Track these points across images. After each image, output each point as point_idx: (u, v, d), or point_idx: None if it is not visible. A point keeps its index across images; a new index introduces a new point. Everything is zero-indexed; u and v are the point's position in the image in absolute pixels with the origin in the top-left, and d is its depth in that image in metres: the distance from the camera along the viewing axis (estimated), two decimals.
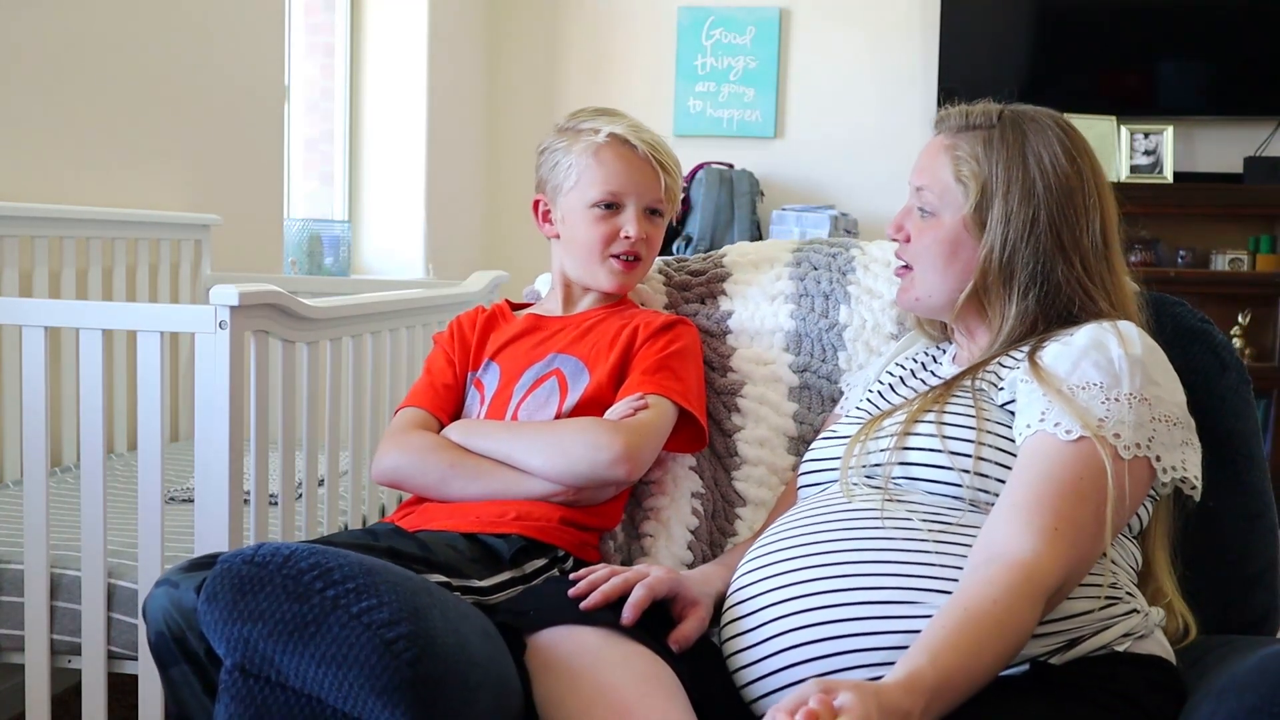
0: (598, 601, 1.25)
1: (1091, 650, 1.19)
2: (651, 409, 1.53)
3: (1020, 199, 1.36)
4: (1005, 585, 1.11)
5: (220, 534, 1.81)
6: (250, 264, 3.54)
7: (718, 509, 1.65)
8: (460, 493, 1.53)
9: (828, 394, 1.70)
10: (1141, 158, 4.53)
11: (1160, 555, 1.37)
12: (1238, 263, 4.41)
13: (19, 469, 2.36)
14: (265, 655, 1.06)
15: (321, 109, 4.40)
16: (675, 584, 1.32)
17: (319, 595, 1.06)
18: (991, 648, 1.08)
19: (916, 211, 1.44)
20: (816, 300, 1.75)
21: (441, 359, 1.68)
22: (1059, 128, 1.40)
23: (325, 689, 1.05)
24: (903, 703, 0.99)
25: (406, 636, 1.03)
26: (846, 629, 1.19)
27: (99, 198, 2.84)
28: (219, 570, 1.09)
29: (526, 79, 5.09)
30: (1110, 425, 1.22)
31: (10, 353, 2.40)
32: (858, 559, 1.23)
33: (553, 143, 1.67)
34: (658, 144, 1.64)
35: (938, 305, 1.44)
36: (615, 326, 1.63)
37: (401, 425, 1.60)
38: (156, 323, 1.85)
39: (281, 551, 1.09)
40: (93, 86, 2.81)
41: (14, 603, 1.92)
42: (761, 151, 4.93)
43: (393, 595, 1.07)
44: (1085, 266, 1.37)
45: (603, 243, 1.62)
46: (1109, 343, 1.29)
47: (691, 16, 4.94)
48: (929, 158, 1.44)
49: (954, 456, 1.27)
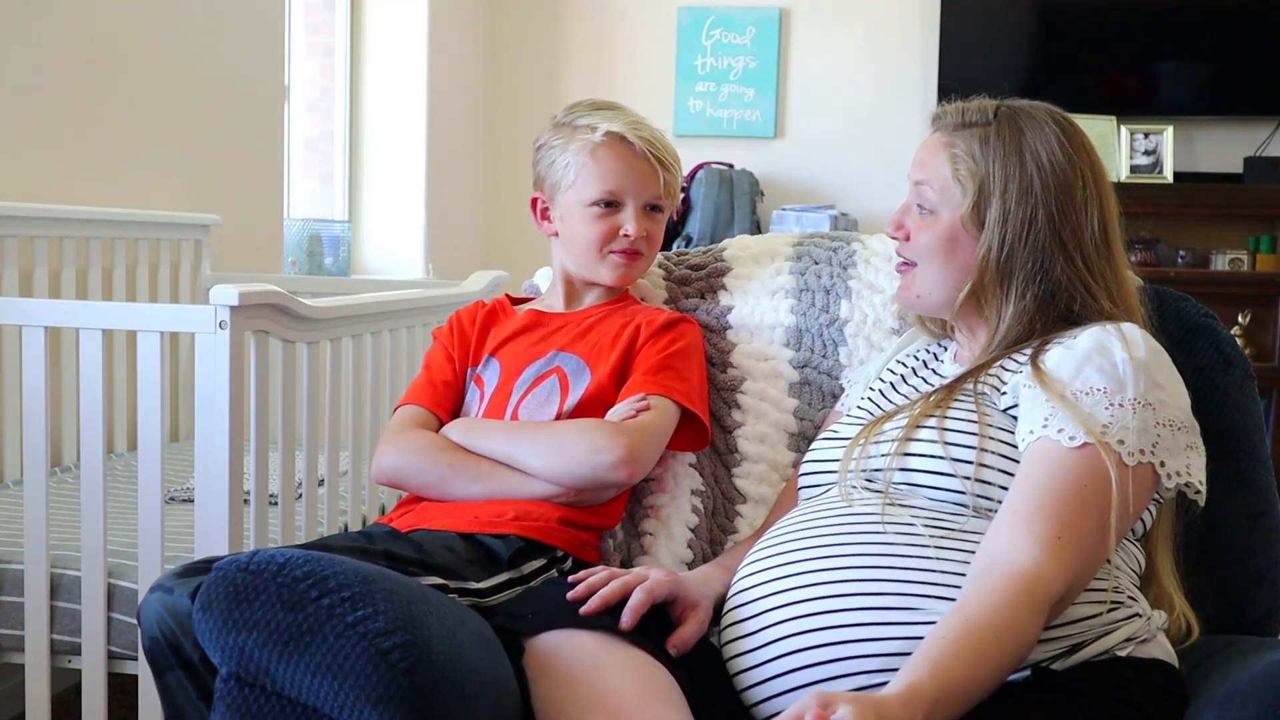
0: (596, 607, 1.24)
1: (1094, 655, 1.19)
2: (654, 410, 1.52)
3: (1018, 198, 1.34)
4: (1007, 594, 1.10)
5: (220, 534, 1.81)
6: (250, 264, 3.53)
7: (718, 506, 1.64)
8: (460, 493, 1.51)
9: (828, 389, 1.69)
10: (1141, 158, 4.52)
11: (1163, 557, 1.36)
12: (1238, 263, 4.40)
13: (19, 469, 2.36)
14: (260, 664, 1.05)
15: (321, 109, 4.40)
16: (674, 586, 1.30)
17: (314, 604, 1.05)
18: (993, 658, 1.07)
19: (915, 208, 1.42)
20: (817, 295, 1.73)
21: (441, 355, 1.66)
22: (1056, 122, 1.38)
23: (320, 699, 1.04)
24: (902, 714, 0.98)
25: (402, 646, 1.02)
26: (847, 634, 1.18)
27: (99, 198, 2.84)
28: (214, 578, 1.08)
29: (526, 79, 5.08)
30: (1114, 431, 1.21)
31: (10, 353, 2.39)
32: (858, 564, 1.22)
33: (549, 139, 1.64)
34: (655, 140, 1.61)
35: (938, 303, 1.43)
36: (617, 325, 1.61)
37: (401, 424, 1.59)
38: (156, 323, 1.85)
39: (276, 559, 1.08)
40: (93, 87, 2.81)
41: (14, 603, 1.92)
42: (761, 151, 4.93)
43: (388, 604, 1.06)
44: (1086, 263, 1.35)
45: (602, 241, 1.60)
46: (1112, 346, 1.27)
47: (691, 16, 4.94)
48: (927, 154, 1.42)
49: (955, 463, 1.26)
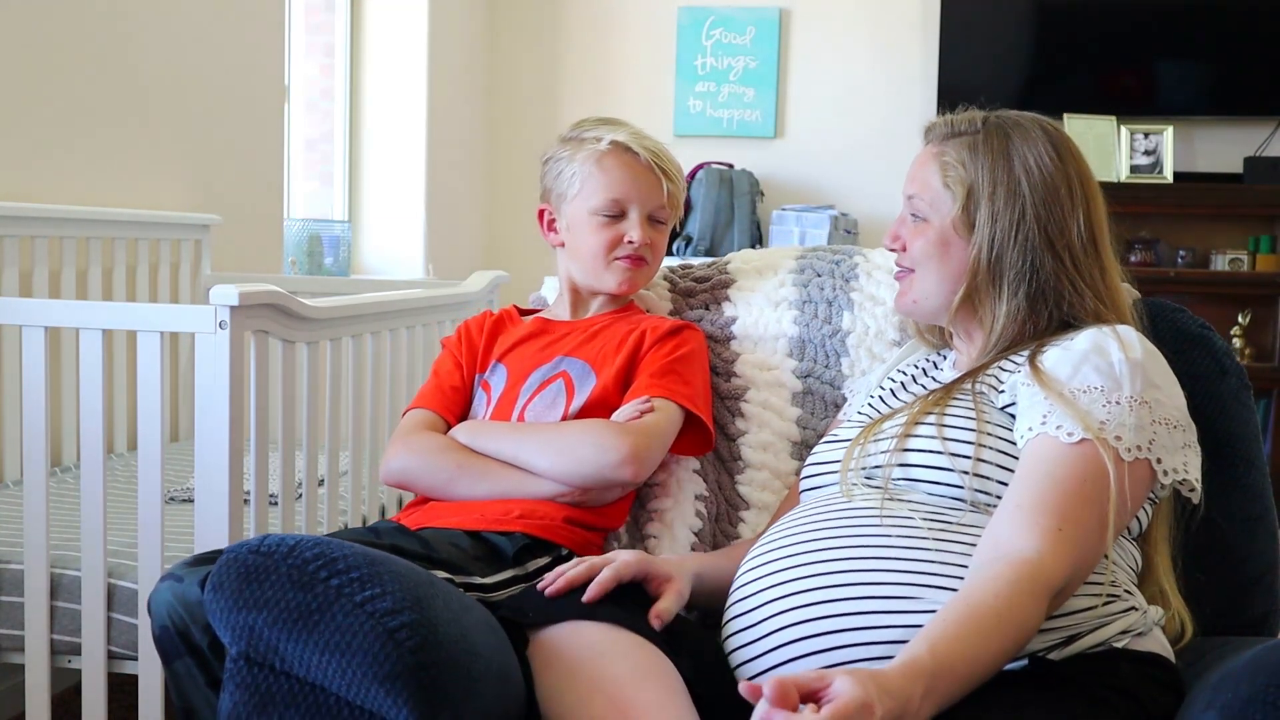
0: (561, 587, 1.28)
1: (1090, 646, 1.20)
2: (658, 412, 1.55)
3: (1006, 199, 1.38)
4: (1008, 581, 1.12)
5: (220, 534, 1.82)
6: (250, 264, 3.54)
7: (721, 512, 1.66)
8: (467, 493, 1.54)
9: (831, 399, 1.72)
10: (1141, 158, 4.52)
11: (1160, 557, 1.38)
12: (1238, 263, 4.41)
13: (19, 469, 2.36)
14: (270, 643, 1.08)
15: (321, 109, 4.40)
16: (643, 565, 1.33)
17: (323, 584, 1.07)
18: (993, 641, 1.09)
19: (909, 219, 1.46)
20: (820, 306, 1.76)
21: (449, 362, 1.70)
22: (1043, 130, 1.42)
23: (329, 677, 1.06)
24: (902, 685, 1.00)
25: (409, 625, 1.05)
26: (847, 623, 1.20)
27: (99, 198, 2.84)
28: (225, 559, 1.11)
29: (526, 79, 5.09)
30: (1111, 428, 1.23)
31: (10, 353, 2.40)
32: (858, 555, 1.24)
33: (556, 152, 1.68)
34: (660, 151, 1.65)
35: (934, 308, 1.45)
36: (622, 330, 1.64)
37: (409, 427, 1.62)
38: (156, 323, 1.86)
39: (287, 541, 1.11)
40: (93, 87, 2.81)
41: (14, 603, 1.92)
42: (761, 151, 4.93)
43: (396, 585, 1.08)
44: (1074, 263, 1.38)
45: (606, 248, 1.63)
46: (1109, 347, 1.30)
47: (691, 16, 4.94)
48: (918, 167, 1.46)
49: (954, 458, 1.29)
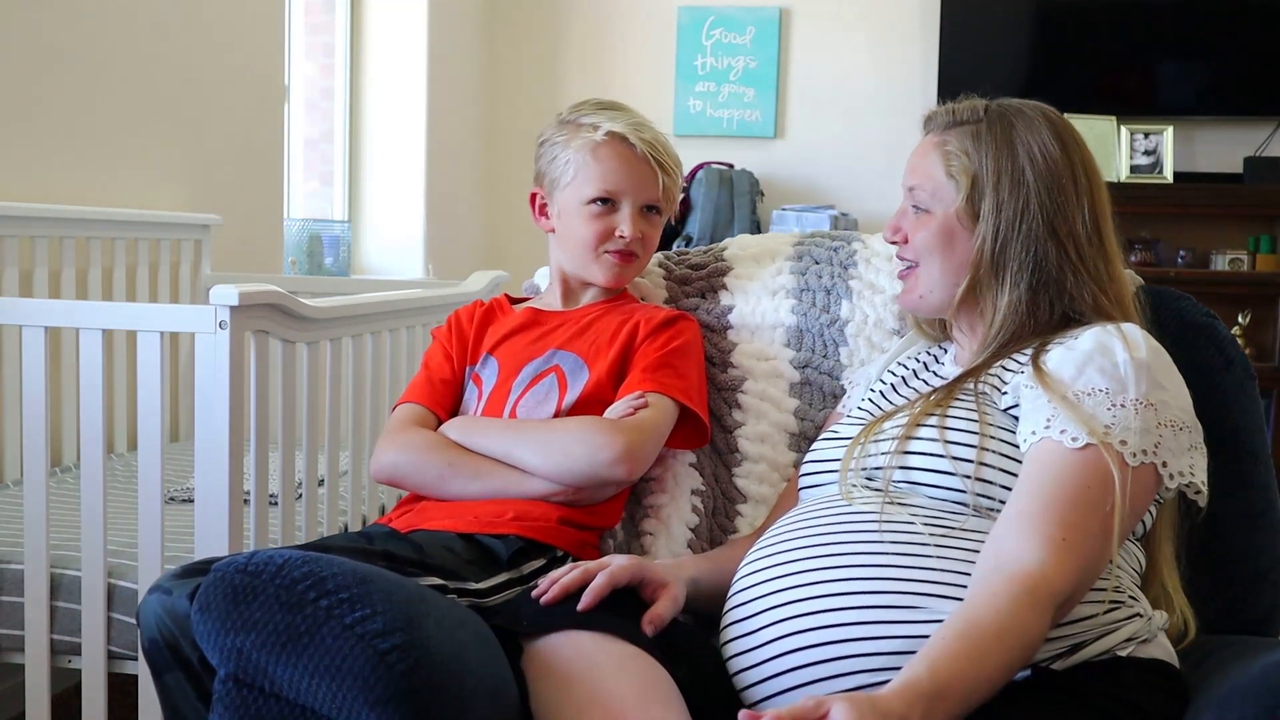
0: (556, 595, 1.26)
1: (1095, 655, 1.19)
2: (652, 407, 1.52)
3: (1010, 188, 1.35)
4: (1010, 596, 1.10)
5: (220, 534, 1.81)
6: (250, 264, 3.53)
7: (718, 506, 1.64)
8: (459, 492, 1.51)
9: (829, 390, 1.69)
10: (1141, 158, 4.52)
11: (1164, 557, 1.36)
12: (1238, 263, 4.40)
13: (19, 469, 2.36)
14: (258, 665, 1.05)
15: (321, 109, 4.40)
16: (638, 570, 1.31)
17: (312, 605, 1.05)
18: (994, 658, 1.07)
19: (911, 211, 1.43)
20: (818, 295, 1.73)
21: (439, 354, 1.67)
22: (1047, 118, 1.39)
23: (319, 700, 1.04)
24: (898, 708, 0.99)
25: (400, 647, 1.03)
26: (847, 633, 1.18)
27: (99, 198, 2.84)
28: (212, 579, 1.08)
29: (526, 79, 5.08)
30: (1117, 432, 1.20)
31: (10, 353, 2.39)
32: (859, 562, 1.22)
33: (552, 135, 1.64)
34: (657, 142, 1.61)
35: (940, 302, 1.42)
36: (615, 322, 1.61)
37: (399, 422, 1.59)
38: (156, 323, 1.85)
39: (275, 560, 1.08)
40: (93, 86, 2.81)
41: (14, 603, 1.92)
42: (761, 151, 4.93)
43: (386, 605, 1.06)
44: (1079, 253, 1.35)
45: (597, 240, 1.60)
46: (1114, 347, 1.27)
47: (691, 16, 4.94)
48: (919, 157, 1.43)
49: (956, 461, 1.26)
